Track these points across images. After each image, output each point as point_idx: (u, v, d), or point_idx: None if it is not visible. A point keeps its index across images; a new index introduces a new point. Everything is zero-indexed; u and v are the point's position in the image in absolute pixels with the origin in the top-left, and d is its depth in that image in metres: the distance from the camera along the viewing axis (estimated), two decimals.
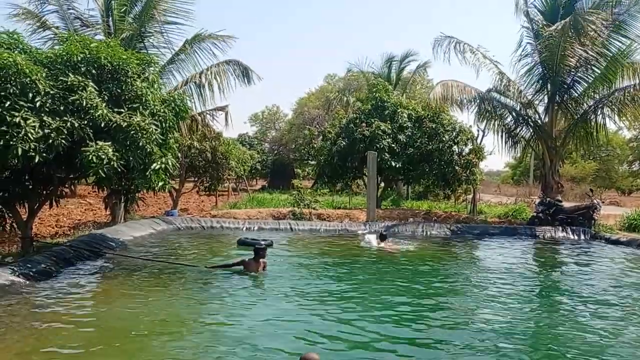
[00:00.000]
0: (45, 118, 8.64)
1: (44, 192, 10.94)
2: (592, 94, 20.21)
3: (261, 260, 10.03)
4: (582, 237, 17.43)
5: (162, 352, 5.92)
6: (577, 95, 20.45)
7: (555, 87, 20.14)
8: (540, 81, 20.51)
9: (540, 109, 21.37)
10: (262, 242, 13.02)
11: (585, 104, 20.48)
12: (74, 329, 6.47)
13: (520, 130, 22.07)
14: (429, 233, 17.43)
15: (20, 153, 8.19)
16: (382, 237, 14.38)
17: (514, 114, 21.60)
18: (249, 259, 9.99)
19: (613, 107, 19.88)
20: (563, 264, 13.17)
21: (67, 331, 6.37)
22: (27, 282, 8.35)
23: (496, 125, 21.83)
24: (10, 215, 10.75)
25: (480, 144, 22.22)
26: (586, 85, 20.17)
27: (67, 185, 11.58)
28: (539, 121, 21.29)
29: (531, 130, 21.68)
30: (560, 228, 18.05)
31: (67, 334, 6.26)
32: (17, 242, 11.39)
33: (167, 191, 16.96)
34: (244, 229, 16.86)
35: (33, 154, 8.38)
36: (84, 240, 11.62)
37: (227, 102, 19.50)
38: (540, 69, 20.29)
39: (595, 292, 9.46)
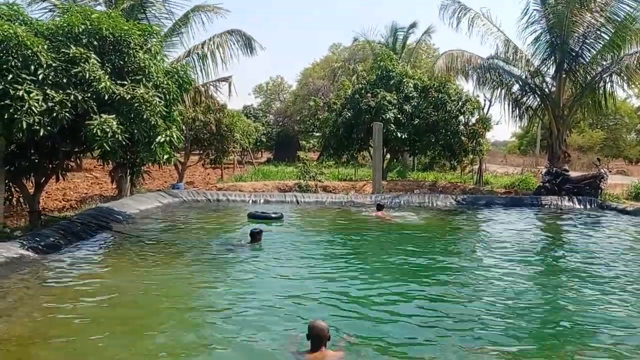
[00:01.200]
0: (48, 91, 8.58)
1: (50, 166, 10.96)
2: (601, 61, 19.90)
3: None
4: (589, 206, 17.37)
5: (173, 320, 5.97)
6: (585, 63, 20.13)
7: (563, 55, 19.82)
8: (548, 49, 20.17)
9: (548, 77, 21.11)
10: (273, 215, 13.11)
11: (593, 72, 20.18)
12: (83, 301, 6.53)
13: (527, 100, 21.84)
14: (434, 204, 17.40)
15: (24, 127, 8.16)
16: (378, 207, 14.63)
17: (520, 82, 21.33)
18: (244, 242, 9.99)
19: (622, 74, 19.57)
20: (569, 234, 13.14)
21: (76, 303, 6.42)
22: (36, 256, 8.41)
23: (503, 95, 21.58)
24: (17, 189, 10.79)
25: (486, 113, 22.08)
26: (594, 52, 19.83)
27: (72, 159, 11.58)
28: (546, 90, 21.05)
29: (538, 100, 21.44)
30: (567, 198, 17.97)
31: (76, 306, 6.31)
32: (25, 216, 11.45)
33: (173, 164, 16.98)
34: (250, 201, 16.89)
35: (37, 127, 8.35)
36: (91, 213, 11.67)
37: (231, 74, 19.32)
38: (548, 37, 19.94)
39: (600, 262, 9.44)
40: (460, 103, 21.39)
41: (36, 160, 10.58)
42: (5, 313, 5.95)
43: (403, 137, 20.91)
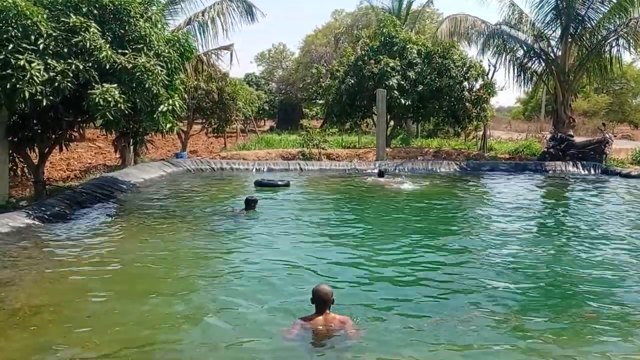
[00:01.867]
0: (49, 61, 8.54)
1: (53, 136, 10.97)
2: (607, 24, 19.58)
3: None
4: (593, 171, 17.34)
5: (181, 286, 6.06)
6: (591, 27, 19.80)
7: (568, 19, 19.49)
8: (553, 13, 19.83)
9: (553, 42, 20.81)
10: (280, 182, 13.19)
11: (599, 36, 19.88)
12: (89, 268, 6.62)
13: (532, 65, 21.57)
14: (438, 170, 17.41)
15: (27, 97, 8.15)
16: (380, 174, 14.78)
17: (525, 47, 21.04)
18: (240, 209, 10.00)
19: (628, 37, 19.28)
20: (572, 199, 13.17)
21: (82, 271, 6.51)
22: (42, 225, 8.50)
23: (507, 60, 21.31)
24: (21, 159, 10.83)
25: (491, 79, 21.82)
26: (601, 16, 19.50)
27: (75, 129, 11.59)
28: (552, 55, 20.78)
29: (543, 64, 21.18)
30: (571, 163, 17.93)
31: (82, 274, 6.40)
32: (30, 186, 11.52)
33: (176, 133, 16.96)
34: (254, 170, 16.92)
35: (40, 97, 8.33)
36: (96, 183, 11.72)
37: (232, 42, 19.14)
38: (553, 0, 19.58)
39: (604, 227, 9.47)
40: (464, 69, 21.17)
41: (39, 131, 10.58)
42: (14, 281, 6.04)
43: (407, 103, 20.78)
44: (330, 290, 4.84)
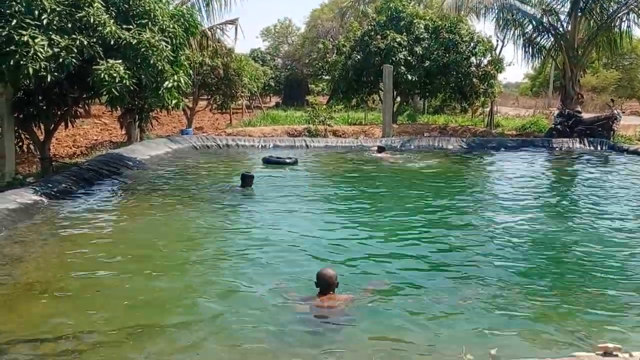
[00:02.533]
0: (53, 36, 8.47)
1: (59, 112, 10.95)
2: None
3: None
4: (600, 148, 17.21)
5: (189, 262, 6.12)
6: (601, 0, 19.47)
7: None
8: None
9: (562, 16, 20.50)
10: (288, 160, 13.18)
11: (610, 10, 19.55)
12: (98, 245, 6.66)
13: (540, 40, 21.28)
14: (444, 147, 17.32)
15: (31, 73, 8.11)
16: (379, 149, 14.97)
17: (534, 22, 20.72)
18: (235, 186, 9.94)
19: (639, 11, 18.96)
20: (578, 176, 13.10)
21: (91, 248, 6.55)
22: (49, 202, 8.53)
23: (515, 35, 21.04)
24: (27, 136, 10.84)
25: (499, 54, 21.59)
26: None
27: (81, 106, 11.56)
28: (561, 29, 20.47)
29: (552, 39, 20.89)
30: (578, 140, 17.79)
31: (91, 251, 6.44)
32: (37, 163, 11.55)
33: (181, 110, 16.91)
34: (259, 146, 16.89)
35: (44, 73, 8.29)
36: (102, 160, 11.74)
37: (237, 16, 18.95)
38: None
39: (610, 204, 9.43)
40: (472, 44, 20.94)
41: (44, 107, 10.57)
42: (23, 257, 6.10)
43: (413, 79, 20.61)
44: (334, 274, 4.84)
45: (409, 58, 20.41)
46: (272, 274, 5.72)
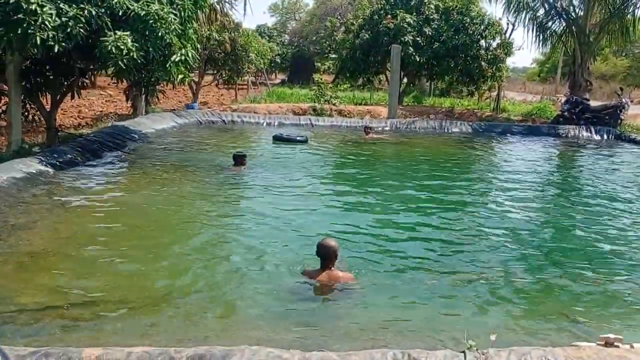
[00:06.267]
0: (62, 5, 8.39)
1: (65, 82, 10.92)
2: None
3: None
4: (606, 137, 17.11)
5: (188, 236, 6.15)
6: None
7: None
8: None
9: (576, 1, 20.23)
10: (298, 138, 13.16)
11: None
12: (102, 216, 6.70)
13: (552, 24, 21.03)
14: (449, 130, 17.25)
15: (39, 42, 8.06)
16: (366, 130, 15.10)
17: (546, 5, 20.46)
18: (229, 165, 9.83)
19: None
20: (583, 164, 13.07)
21: (95, 219, 6.60)
22: (55, 172, 8.55)
23: (527, 19, 20.78)
24: (34, 105, 10.82)
25: (509, 38, 21.36)
26: None
27: (87, 77, 11.51)
28: (573, 14, 20.22)
29: (564, 24, 20.63)
30: (585, 128, 17.68)
31: (95, 222, 6.48)
32: (42, 132, 11.55)
33: (187, 84, 16.83)
34: (264, 124, 16.83)
35: (52, 43, 8.23)
36: (108, 132, 11.73)
37: None
38: None
39: (614, 192, 9.41)
40: (482, 27, 20.72)
41: (51, 77, 10.53)
42: (26, 226, 6.13)
43: (421, 61, 20.46)
44: (335, 245, 4.89)
45: (418, 39, 20.23)
46: (272, 248, 5.76)
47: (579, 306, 4.76)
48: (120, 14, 8.96)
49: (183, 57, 9.90)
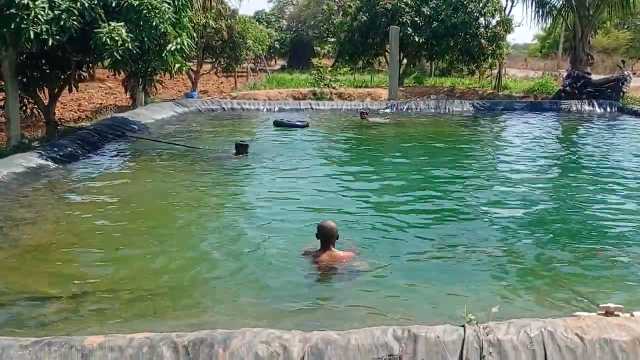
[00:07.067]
0: None
1: (62, 76, 10.88)
2: None
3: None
4: (609, 110, 17.01)
5: (191, 224, 6.18)
6: None
7: None
8: None
9: None
10: (298, 122, 13.15)
11: None
12: (104, 209, 6.71)
13: None
14: (451, 110, 17.16)
15: (32, 36, 8.02)
16: (362, 114, 14.76)
17: None
18: (229, 153, 9.79)
19: None
20: (586, 138, 12.99)
21: (97, 212, 6.60)
22: (56, 166, 8.57)
23: None
24: (31, 100, 10.80)
25: (508, 15, 21.15)
26: None
27: (84, 69, 11.48)
28: None
29: None
30: (587, 101, 17.56)
31: (97, 215, 6.49)
32: (42, 127, 11.55)
33: (186, 73, 16.77)
34: (265, 110, 16.79)
35: (45, 36, 8.20)
36: (107, 123, 11.73)
37: None
38: None
39: (618, 166, 9.37)
40: (480, 4, 20.50)
41: (48, 71, 10.50)
42: (29, 220, 6.17)
43: (420, 41, 20.31)
44: (334, 226, 4.90)
45: (416, 19, 20.06)
46: (274, 233, 5.76)
47: (581, 278, 4.76)
48: (113, 4, 8.93)
49: (179, 46, 9.87)
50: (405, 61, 23.34)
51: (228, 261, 5.06)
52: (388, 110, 16.83)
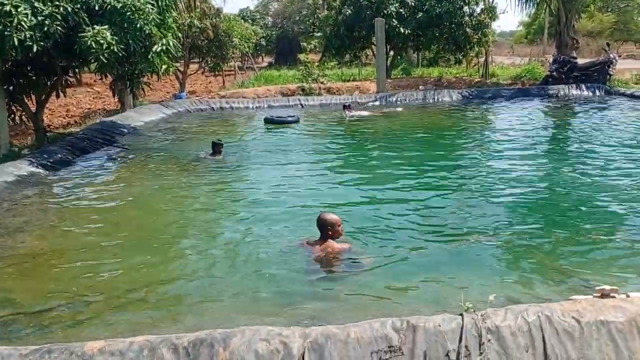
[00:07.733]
0: (36, 4, 8.30)
1: (48, 82, 10.82)
2: None
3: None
4: (597, 93, 17.11)
5: (183, 226, 6.16)
6: None
7: None
8: None
9: None
10: (289, 118, 13.14)
11: None
12: (96, 215, 6.69)
13: None
14: (439, 99, 17.20)
15: (16, 43, 7.98)
16: (344, 107, 14.59)
17: None
18: (205, 153, 9.65)
19: None
20: (575, 122, 13.09)
21: (90, 218, 6.57)
22: (46, 173, 8.52)
23: None
24: (19, 108, 10.73)
25: (492, 2, 21.19)
26: None
27: (71, 74, 11.42)
28: None
29: None
30: (574, 86, 17.66)
31: (90, 221, 6.45)
32: (31, 134, 11.48)
33: (173, 74, 16.70)
34: (254, 107, 16.75)
35: (30, 43, 8.16)
36: (96, 128, 11.67)
37: None
38: None
39: (607, 148, 9.43)
40: None
41: (34, 78, 10.43)
42: (21, 228, 6.11)
43: (406, 32, 20.30)
44: (334, 218, 4.91)
45: (401, 10, 20.06)
46: (267, 227, 5.79)
47: (576, 261, 4.79)
48: (96, 8, 8.90)
49: (164, 47, 9.84)
50: (392, 53, 23.34)
51: (223, 260, 5.06)
52: (377, 103, 16.83)
